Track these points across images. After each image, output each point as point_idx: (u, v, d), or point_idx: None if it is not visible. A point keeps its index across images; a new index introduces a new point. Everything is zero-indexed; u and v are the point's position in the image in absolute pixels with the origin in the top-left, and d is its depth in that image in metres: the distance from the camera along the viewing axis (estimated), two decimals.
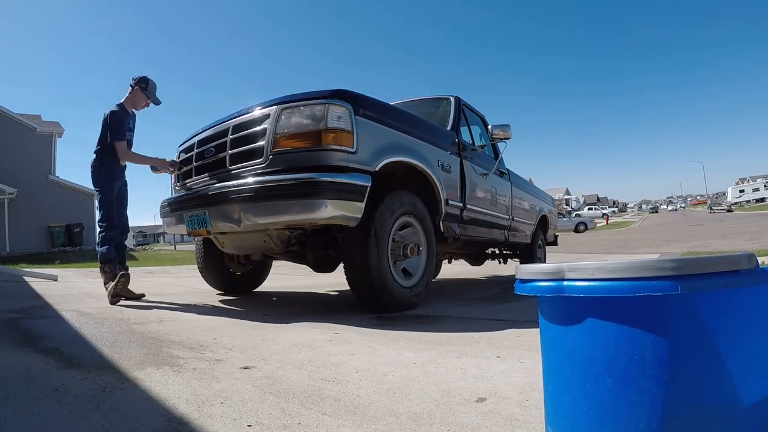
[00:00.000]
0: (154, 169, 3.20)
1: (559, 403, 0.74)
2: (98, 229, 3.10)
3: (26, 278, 4.92)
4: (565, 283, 0.69)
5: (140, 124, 3.27)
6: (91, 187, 3.19)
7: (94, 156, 3.13)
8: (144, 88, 3.19)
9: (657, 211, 68.27)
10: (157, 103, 3.31)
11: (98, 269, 3.16)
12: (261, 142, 2.34)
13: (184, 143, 3.13)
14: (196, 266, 3.63)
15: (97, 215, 3.12)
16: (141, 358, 1.47)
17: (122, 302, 2.94)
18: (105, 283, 3.00)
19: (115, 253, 3.07)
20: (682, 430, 0.63)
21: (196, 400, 1.07)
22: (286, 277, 5.62)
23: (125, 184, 3.26)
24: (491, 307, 2.81)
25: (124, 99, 3.19)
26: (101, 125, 3.11)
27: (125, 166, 3.21)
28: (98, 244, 3.09)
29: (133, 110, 3.25)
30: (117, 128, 3.03)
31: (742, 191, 59.95)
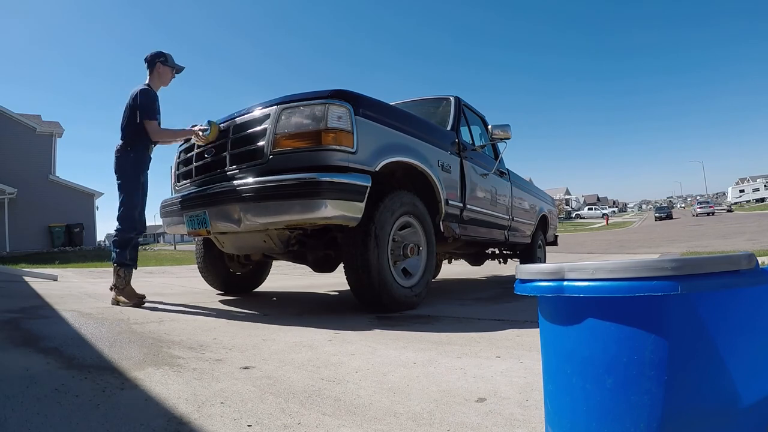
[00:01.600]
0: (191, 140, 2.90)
1: (559, 403, 0.74)
2: (116, 227, 2.84)
3: (26, 278, 4.92)
4: (565, 283, 0.69)
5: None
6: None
7: (120, 142, 2.84)
8: (164, 61, 2.96)
9: (671, 216, 34.42)
10: (181, 68, 3.10)
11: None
12: (261, 142, 2.35)
13: (184, 143, 3.13)
14: (196, 266, 3.63)
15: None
16: (141, 358, 1.46)
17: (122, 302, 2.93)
18: (116, 285, 2.80)
19: (130, 257, 2.84)
20: (682, 430, 0.63)
21: (196, 400, 1.07)
22: (286, 277, 5.62)
23: (147, 178, 2.99)
24: (491, 307, 2.81)
25: (149, 80, 2.95)
26: (126, 107, 2.85)
27: (151, 157, 2.99)
28: (113, 243, 2.86)
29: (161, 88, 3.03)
30: (149, 107, 2.81)
31: (742, 191, 59.95)
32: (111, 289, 2.93)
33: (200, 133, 2.70)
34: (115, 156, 2.85)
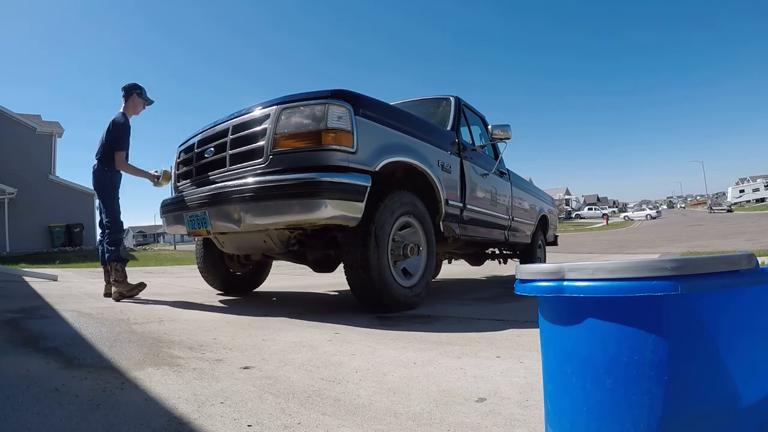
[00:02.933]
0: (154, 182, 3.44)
1: (559, 403, 0.74)
2: (106, 230, 3.24)
3: (26, 278, 4.92)
4: (566, 283, 0.69)
5: (141, 123, 3.39)
6: (92, 187, 3.31)
7: (97, 161, 3.25)
8: (140, 93, 3.40)
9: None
10: (151, 102, 3.54)
11: (97, 269, 3.28)
12: (261, 142, 2.34)
13: (184, 143, 3.14)
14: (196, 266, 3.63)
15: (98, 216, 3.30)
16: (141, 358, 1.46)
17: (122, 301, 3.00)
18: (114, 280, 3.12)
19: (122, 253, 3.24)
20: (682, 430, 0.63)
21: (196, 400, 1.07)
22: (286, 277, 5.62)
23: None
24: (491, 307, 2.80)
25: (123, 108, 3.34)
26: (105, 131, 3.25)
27: (122, 173, 3.38)
28: (107, 244, 3.22)
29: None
30: (121, 138, 3.23)
31: (742, 191, 59.93)
32: (106, 295, 3.21)
33: (155, 178, 3.35)
34: (93, 175, 3.27)
